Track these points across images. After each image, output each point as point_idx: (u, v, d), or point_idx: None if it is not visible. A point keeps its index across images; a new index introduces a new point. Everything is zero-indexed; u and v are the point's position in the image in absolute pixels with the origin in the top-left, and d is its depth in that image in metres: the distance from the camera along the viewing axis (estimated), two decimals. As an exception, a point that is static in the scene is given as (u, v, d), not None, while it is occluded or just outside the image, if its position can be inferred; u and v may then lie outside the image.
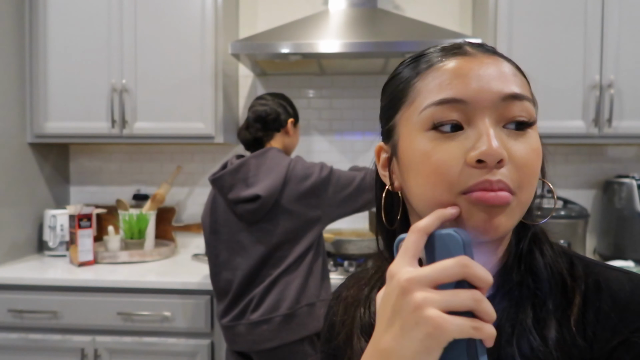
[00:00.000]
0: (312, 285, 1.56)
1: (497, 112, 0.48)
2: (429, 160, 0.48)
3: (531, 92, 0.52)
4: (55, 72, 2.11)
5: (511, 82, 0.49)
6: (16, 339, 1.86)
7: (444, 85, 0.49)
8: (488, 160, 0.45)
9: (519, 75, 0.51)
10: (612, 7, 1.90)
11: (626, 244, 2.02)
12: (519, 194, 0.47)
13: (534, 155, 0.48)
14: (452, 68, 0.49)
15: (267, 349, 1.52)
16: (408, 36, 1.85)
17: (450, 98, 0.48)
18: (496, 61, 0.50)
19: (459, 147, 0.47)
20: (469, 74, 0.48)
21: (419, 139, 0.50)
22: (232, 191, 1.55)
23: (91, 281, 1.84)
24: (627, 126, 1.92)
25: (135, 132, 2.10)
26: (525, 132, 0.49)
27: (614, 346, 0.47)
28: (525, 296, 0.51)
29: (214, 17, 2.06)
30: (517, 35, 1.94)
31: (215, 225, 1.61)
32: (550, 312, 0.49)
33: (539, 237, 0.55)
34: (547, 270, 0.52)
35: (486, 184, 0.46)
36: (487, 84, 0.48)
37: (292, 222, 1.53)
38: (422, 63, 0.52)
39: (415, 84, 0.52)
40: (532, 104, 0.50)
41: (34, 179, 2.26)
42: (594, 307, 0.49)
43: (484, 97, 0.48)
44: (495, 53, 0.52)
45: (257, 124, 1.65)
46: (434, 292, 0.42)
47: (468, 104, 0.48)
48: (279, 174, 1.52)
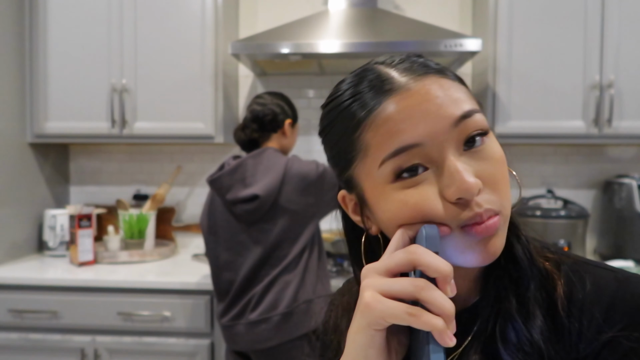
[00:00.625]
0: (309, 282, 1.56)
1: (454, 139, 0.46)
2: (407, 205, 0.47)
3: (475, 98, 0.50)
4: (55, 72, 2.11)
5: (455, 103, 0.47)
6: (16, 339, 1.86)
7: (392, 134, 0.46)
8: (468, 197, 0.45)
9: (457, 88, 0.48)
10: (612, 7, 1.90)
11: (626, 244, 2.02)
12: (503, 210, 0.47)
13: (499, 165, 0.48)
14: (394, 112, 0.46)
15: (266, 349, 1.52)
16: (408, 36, 1.85)
17: (404, 146, 0.46)
18: (431, 83, 0.47)
19: (432, 187, 0.46)
20: (412, 114, 0.46)
21: (388, 192, 0.48)
22: (230, 192, 1.55)
23: (91, 281, 1.84)
24: (627, 126, 1.92)
25: (135, 132, 2.10)
26: (484, 145, 0.48)
27: (600, 346, 0.47)
28: (508, 285, 0.51)
29: (214, 17, 2.06)
30: (517, 35, 1.94)
31: (214, 226, 1.61)
32: (534, 300, 0.49)
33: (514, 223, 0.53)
34: (526, 257, 0.52)
35: (477, 218, 0.45)
36: (436, 116, 0.46)
37: (291, 220, 1.53)
38: (359, 111, 0.49)
39: (360, 137, 0.49)
40: (481, 113, 0.48)
41: (34, 179, 2.26)
42: (579, 306, 0.49)
43: (438, 133, 0.46)
44: (425, 68, 0.49)
45: (254, 124, 1.64)
46: (378, 278, 0.44)
47: (424, 145, 0.46)
48: (276, 174, 1.52)
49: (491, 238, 0.46)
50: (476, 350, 0.50)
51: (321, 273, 1.63)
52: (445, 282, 0.42)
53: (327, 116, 0.54)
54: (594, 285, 0.49)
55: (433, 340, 0.42)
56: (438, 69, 0.49)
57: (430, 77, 0.48)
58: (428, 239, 0.44)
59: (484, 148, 0.48)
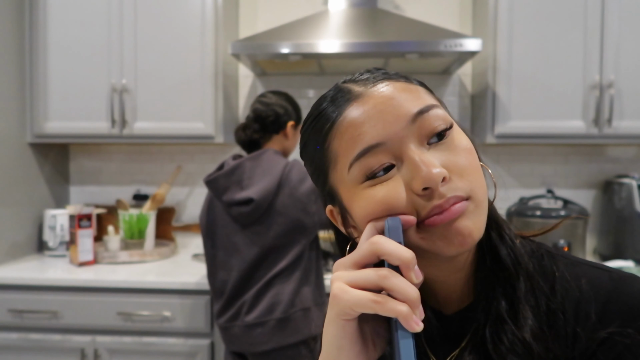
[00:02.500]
0: (307, 290, 1.55)
1: (415, 134, 0.48)
2: (375, 201, 0.48)
3: (433, 94, 0.52)
4: (55, 72, 2.11)
5: (411, 100, 0.49)
6: (16, 339, 1.86)
7: (355, 138, 0.48)
8: (433, 185, 0.45)
9: (413, 88, 0.50)
10: (612, 7, 1.90)
11: (626, 244, 2.02)
12: (473, 195, 0.47)
13: (467, 155, 0.48)
14: (353, 118, 0.49)
15: (262, 352, 1.52)
16: (408, 36, 1.85)
17: (367, 147, 0.48)
18: (386, 86, 0.50)
19: (399, 182, 0.47)
20: (370, 116, 0.48)
21: (359, 193, 0.49)
22: (226, 193, 1.54)
23: (91, 281, 1.84)
24: (627, 126, 1.92)
25: (135, 132, 2.10)
26: (448, 137, 0.49)
27: (596, 344, 0.47)
28: (496, 287, 0.51)
29: (214, 17, 2.06)
30: (517, 35, 1.94)
31: (212, 226, 1.61)
32: (524, 301, 0.50)
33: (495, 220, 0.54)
34: (510, 257, 0.52)
35: (437, 211, 0.46)
36: (393, 115, 0.48)
37: (286, 226, 1.50)
38: (324, 125, 0.51)
39: (329, 148, 0.51)
40: (442, 107, 0.50)
41: (34, 179, 2.26)
42: (574, 305, 0.49)
43: (397, 130, 0.47)
44: (383, 76, 0.51)
45: (256, 124, 1.62)
46: (347, 270, 0.45)
47: (386, 143, 0.47)
48: (273, 177, 1.50)
49: (456, 220, 0.46)
50: (471, 351, 0.51)
51: (319, 279, 1.62)
52: (408, 268, 0.43)
53: (302, 137, 0.57)
54: (589, 284, 0.50)
55: (401, 326, 0.43)
56: (396, 76, 0.52)
57: (385, 82, 0.50)
58: (391, 230, 0.46)
59: (449, 140, 0.49)
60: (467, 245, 0.47)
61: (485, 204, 0.49)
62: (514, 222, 2.06)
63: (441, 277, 0.54)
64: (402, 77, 0.52)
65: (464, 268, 0.53)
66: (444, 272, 0.53)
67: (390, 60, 2.06)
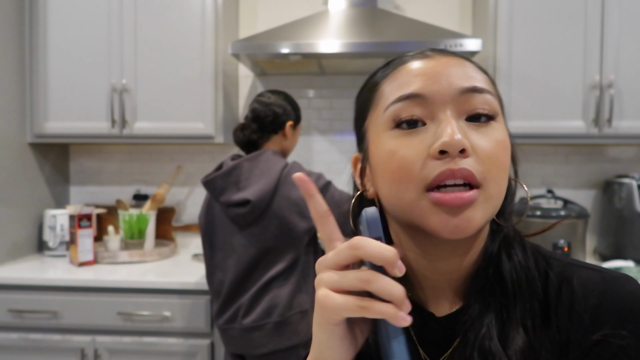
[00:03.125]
0: (304, 292, 1.54)
1: (457, 105, 0.48)
2: (394, 157, 0.49)
3: (496, 90, 0.53)
4: (55, 72, 2.11)
5: (471, 78, 0.49)
6: (16, 339, 1.86)
7: (404, 83, 0.50)
8: (450, 150, 0.45)
9: (480, 73, 0.52)
10: (612, 7, 1.90)
11: (626, 244, 2.01)
12: (486, 186, 0.47)
13: (498, 147, 0.48)
14: (413, 68, 0.51)
15: (261, 354, 1.52)
16: (408, 36, 1.86)
17: (410, 93, 0.49)
18: (457, 60, 0.51)
19: (422, 142, 0.48)
20: (428, 72, 0.49)
21: (384, 138, 0.50)
22: (223, 194, 1.53)
23: (91, 281, 1.84)
24: (627, 126, 1.92)
25: (135, 132, 2.10)
26: (488, 124, 0.49)
27: (589, 346, 0.47)
28: (492, 304, 0.50)
29: (214, 17, 2.06)
30: (517, 35, 1.94)
31: (211, 226, 1.60)
32: (516, 320, 0.49)
33: (509, 240, 0.53)
34: (513, 275, 0.51)
35: (447, 173, 0.46)
36: (447, 79, 0.49)
37: (282, 228, 1.49)
38: (387, 68, 0.54)
39: (380, 87, 0.53)
40: (496, 99, 0.50)
41: (34, 179, 2.26)
42: (566, 308, 0.49)
43: (444, 91, 0.48)
44: (458, 55, 0.52)
45: (254, 124, 1.60)
46: (328, 273, 0.45)
47: (428, 98, 0.48)
48: (271, 179, 1.49)
49: (464, 209, 0.46)
50: (462, 353, 0.51)
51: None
52: (392, 267, 0.42)
53: (369, 77, 0.58)
54: (582, 286, 0.49)
55: (390, 324, 0.43)
56: (462, 55, 0.53)
57: (460, 59, 0.52)
58: (370, 224, 0.45)
59: (488, 126, 0.49)
60: (460, 234, 0.46)
61: (496, 203, 0.49)
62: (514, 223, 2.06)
63: (432, 274, 0.54)
64: (470, 59, 0.53)
65: (458, 270, 0.53)
66: (435, 268, 0.53)
67: (390, 60, 2.06)
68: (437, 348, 0.54)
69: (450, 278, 0.53)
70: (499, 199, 0.49)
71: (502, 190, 0.49)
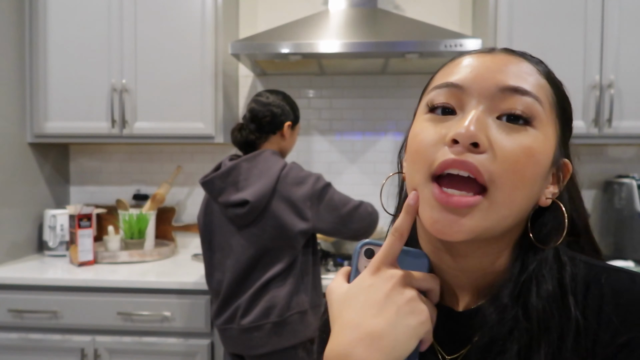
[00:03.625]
0: (303, 293, 1.54)
1: (492, 101, 0.47)
2: (415, 139, 0.50)
3: (548, 99, 0.49)
4: (55, 72, 2.11)
5: (519, 78, 0.48)
6: (16, 339, 1.86)
7: (449, 73, 0.51)
8: (461, 140, 0.45)
9: (539, 78, 0.49)
10: (612, 7, 1.90)
11: (626, 244, 2.01)
12: (493, 190, 0.45)
13: (521, 153, 0.46)
14: (464, 60, 0.51)
15: (260, 355, 1.52)
16: (408, 36, 1.85)
17: (448, 82, 0.49)
18: (515, 59, 0.50)
19: (444, 129, 0.48)
20: (476, 65, 0.49)
21: (419, 121, 0.52)
22: (222, 195, 1.53)
23: (91, 281, 1.84)
24: (627, 126, 1.92)
25: (135, 132, 2.10)
26: (523, 128, 0.47)
27: (617, 348, 0.46)
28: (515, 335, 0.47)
29: (214, 17, 2.06)
30: (517, 35, 1.94)
31: (210, 227, 1.60)
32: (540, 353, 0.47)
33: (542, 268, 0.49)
34: (539, 309, 0.47)
35: (449, 161, 0.45)
36: (489, 73, 0.48)
37: (280, 229, 1.48)
38: (451, 60, 0.54)
39: (435, 76, 0.54)
40: (539, 104, 0.48)
41: (34, 179, 2.26)
42: (594, 311, 0.48)
43: (480, 85, 0.48)
44: (524, 56, 0.51)
45: (252, 125, 1.59)
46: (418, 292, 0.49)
47: (464, 89, 0.48)
48: (269, 179, 1.48)
49: (457, 213, 0.45)
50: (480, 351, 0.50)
51: (317, 282, 1.61)
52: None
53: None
54: (611, 288, 0.48)
55: None
56: (527, 56, 0.52)
57: (511, 55, 0.51)
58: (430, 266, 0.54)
59: (521, 130, 0.47)
60: (447, 237, 0.46)
61: (504, 213, 0.46)
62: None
63: (453, 269, 0.53)
64: (533, 60, 0.51)
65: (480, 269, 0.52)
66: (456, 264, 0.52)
67: (390, 60, 2.06)
68: (453, 343, 0.53)
69: (471, 276, 0.52)
70: (510, 209, 0.46)
71: (514, 199, 0.46)
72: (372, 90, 2.38)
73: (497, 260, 0.51)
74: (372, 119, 2.39)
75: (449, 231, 0.46)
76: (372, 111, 2.39)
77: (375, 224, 1.60)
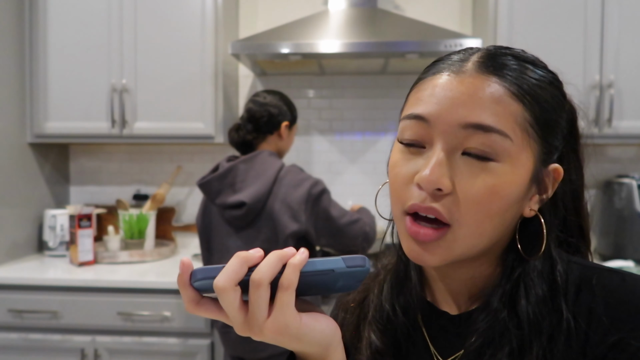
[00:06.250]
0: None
1: (455, 139, 0.47)
2: (392, 172, 0.52)
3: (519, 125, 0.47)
4: (55, 72, 2.11)
5: (484, 111, 0.46)
6: (16, 339, 1.86)
7: (417, 99, 0.51)
8: (424, 187, 0.47)
9: (504, 103, 0.47)
10: (612, 7, 1.90)
11: (626, 244, 2.01)
12: (456, 227, 0.47)
13: (484, 194, 0.46)
14: (432, 84, 0.50)
15: (260, 359, 1.52)
16: (408, 36, 1.85)
17: (416, 114, 0.49)
18: (483, 83, 0.47)
19: (415, 166, 0.49)
20: (442, 94, 0.48)
21: (395, 148, 0.53)
22: (219, 197, 1.52)
23: (91, 281, 1.84)
24: (627, 126, 1.92)
25: (135, 132, 2.10)
26: (486, 164, 0.47)
27: (607, 348, 0.46)
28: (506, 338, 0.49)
29: (214, 17, 2.06)
30: (517, 35, 1.94)
31: (208, 228, 1.60)
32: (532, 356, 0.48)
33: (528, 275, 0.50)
34: (528, 313, 0.49)
35: (415, 208, 0.48)
36: (452, 107, 0.47)
37: (275, 230, 1.48)
38: (425, 72, 0.54)
39: (411, 91, 0.54)
40: (504, 137, 0.46)
41: (34, 179, 2.26)
42: (585, 311, 0.48)
43: (444, 121, 0.48)
44: (491, 68, 0.49)
45: (249, 125, 1.59)
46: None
47: (430, 123, 0.49)
48: (266, 181, 1.48)
49: (423, 244, 0.48)
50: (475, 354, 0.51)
51: None
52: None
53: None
54: (602, 288, 0.49)
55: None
56: (504, 75, 0.48)
57: (486, 77, 0.48)
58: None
59: (486, 167, 0.47)
60: (421, 263, 0.50)
61: (468, 243, 0.48)
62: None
63: (446, 277, 0.55)
64: (511, 80, 0.48)
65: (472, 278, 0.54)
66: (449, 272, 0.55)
67: (390, 60, 2.06)
68: (449, 346, 0.55)
69: (462, 283, 0.55)
70: (478, 239, 0.49)
71: (482, 231, 0.48)
72: (372, 90, 2.38)
73: (487, 268, 0.54)
74: (372, 119, 2.39)
75: (423, 259, 0.49)
76: (372, 111, 2.39)
77: (370, 243, 1.59)
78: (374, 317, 0.59)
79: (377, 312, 0.59)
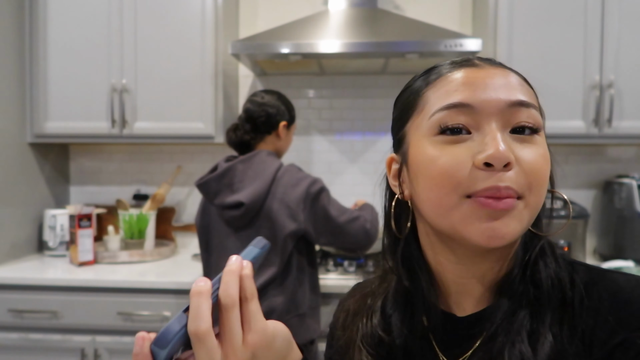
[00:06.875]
0: (300, 296, 1.53)
1: (503, 118, 0.49)
2: (436, 163, 0.50)
3: (539, 103, 0.53)
4: (55, 72, 2.11)
5: (517, 91, 0.50)
6: (16, 339, 1.86)
7: (451, 91, 0.51)
8: (495, 164, 0.47)
9: (525, 86, 0.52)
10: (612, 7, 1.90)
11: (626, 244, 2.01)
12: (528, 197, 0.48)
13: (541, 160, 0.49)
14: (461, 77, 0.51)
15: None
16: (408, 36, 1.85)
17: (457, 102, 0.50)
18: (503, 72, 0.52)
19: (467, 151, 0.49)
20: (476, 82, 0.50)
21: (427, 143, 0.51)
22: (217, 197, 1.52)
23: (91, 281, 1.84)
24: (627, 126, 1.92)
25: (135, 132, 2.10)
26: (532, 138, 0.50)
27: (613, 347, 0.47)
28: (524, 307, 0.51)
29: (214, 17, 2.06)
30: (517, 35, 1.94)
31: (207, 228, 1.60)
32: (546, 326, 0.50)
33: (545, 250, 0.55)
34: (548, 283, 0.52)
35: (494, 190, 0.47)
36: (494, 91, 0.50)
37: (274, 230, 1.47)
38: (432, 75, 0.54)
39: (424, 93, 0.53)
40: (539, 113, 0.51)
41: (34, 179, 2.26)
42: (592, 311, 0.49)
43: (491, 103, 0.49)
44: (503, 66, 0.53)
45: (247, 125, 1.59)
46: None
47: (475, 109, 0.49)
48: (264, 180, 1.48)
49: (503, 216, 0.47)
50: (481, 356, 0.51)
51: (314, 283, 1.60)
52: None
53: (408, 83, 0.59)
54: (608, 289, 0.50)
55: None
56: (514, 70, 0.54)
57: (505, 69, 0.53)
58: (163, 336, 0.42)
59: (531, 140, 0.50)
60: (497, 242, 0.48)
61: (534, 213, 0.50)
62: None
63: (463, 278, 0.55)
64: (519, 73, 0.54)
65: (491, 274, 0.54)
66: (469, 272, 0.54)
67: (390, 60, 2.06)
68: (456, 348, 0.55)
69: (481, 281, 0.55)
70: (537, 209, 0.50)
71: (540, 201, 0.50)
72: (372, 90, 2.38)
73: (507, 261, 0.54)
74: (372, 119, 2.39)
75: (499, 234, 0.47)
76: (372, 111, 2.39)
77: (372, 241, 1.58)
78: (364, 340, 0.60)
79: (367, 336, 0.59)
